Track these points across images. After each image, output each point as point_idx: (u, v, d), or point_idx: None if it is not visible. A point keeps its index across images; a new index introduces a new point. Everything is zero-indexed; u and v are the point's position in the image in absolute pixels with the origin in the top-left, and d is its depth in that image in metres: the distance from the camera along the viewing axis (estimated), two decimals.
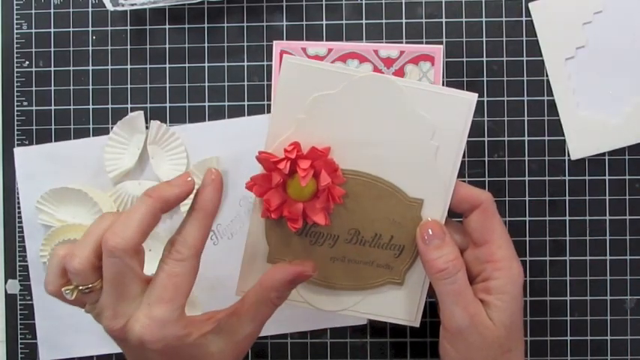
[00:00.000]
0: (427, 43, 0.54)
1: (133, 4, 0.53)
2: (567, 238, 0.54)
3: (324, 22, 0.54)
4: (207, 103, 0.55)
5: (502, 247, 0.43)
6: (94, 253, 0.39)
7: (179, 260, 0.39)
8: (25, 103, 0.55)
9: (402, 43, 0.54)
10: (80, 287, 0.39)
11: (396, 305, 0.46)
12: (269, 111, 0.54)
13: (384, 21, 0.54)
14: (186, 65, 0.55)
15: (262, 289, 0.43)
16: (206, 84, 0.55)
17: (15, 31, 0.55)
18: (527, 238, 0.54)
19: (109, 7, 0.52)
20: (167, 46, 0.55)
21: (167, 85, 0.55)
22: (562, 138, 0.54)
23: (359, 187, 0.44)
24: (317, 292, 0.46)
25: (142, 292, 0.40)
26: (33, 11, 0.55)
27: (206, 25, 0.55)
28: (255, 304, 0.43)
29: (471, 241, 0.45)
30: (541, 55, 0.54)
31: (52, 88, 0.55)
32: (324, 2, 0.55)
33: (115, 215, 0.40)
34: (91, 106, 0.55)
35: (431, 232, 0.43)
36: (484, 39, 0.54)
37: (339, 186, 0.43)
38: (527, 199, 0.54)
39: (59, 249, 0.40)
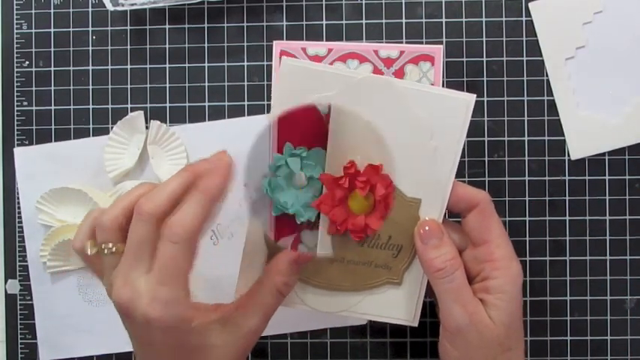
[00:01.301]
0: (427, 43, 0.54)
1: (133, 4, 0.53)
2: (567, 238, 0.54)
3: (324, 22, 0.54)
4: (207, 103, 0.55)
5: (500, 246, 0.43)
6: (124, 213, 0.40)
7: (174, 242, 0.38)
8: (25, 103, 0.55)
9: (402, 43, 0.54)
10: (102, 245, 0.40)
11: (394, 305, 0.46)
12: (269, 111, 0.54)
13: (384, 21, 0.54)
14: (186, 65, 0.55)
15: (267, 276, 0.43)
16: (206, 84, 0.55)
17: (15, 31, 0.55)
18: (527, 238, 0.54)
19: (109, 7, 0.52)
20: (167, 46, 0.55)
21: (167, 85, 0.55)
22: (562, 138, 0.54)
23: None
24: (316, 294, 0.46)
25: (151, 269, 0.39)
26: (33, 11, 0.55)
27: (206, 25, 0.55)
28: (261, 294, 0.43)
29: (469, 241, 0.45)
30: (541, 55, 0.54)
31: (52, 88, 0.55)
32: (324, 2, 0.55)
33: (152, 185, 0.41)
34: (91, 106, 0.55)
35: (429, 231, 0.43)
36: (484, 39, 0.54)
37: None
38: (527, 199, 0.54)
39: (94, 211, 0.41)
